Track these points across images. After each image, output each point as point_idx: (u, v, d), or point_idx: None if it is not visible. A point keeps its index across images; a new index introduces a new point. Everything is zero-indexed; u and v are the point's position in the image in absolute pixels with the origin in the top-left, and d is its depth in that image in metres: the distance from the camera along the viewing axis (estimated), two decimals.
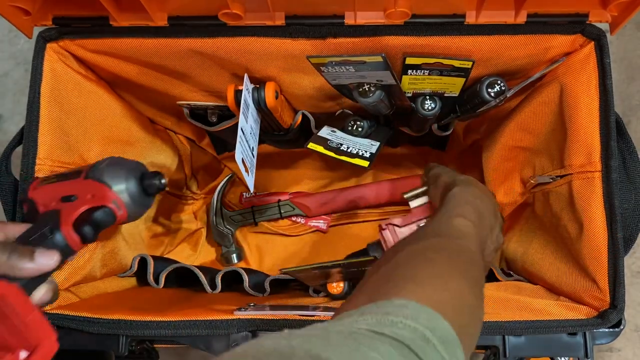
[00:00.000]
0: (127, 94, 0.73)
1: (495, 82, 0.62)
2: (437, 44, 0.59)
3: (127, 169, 0.52)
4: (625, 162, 0.60)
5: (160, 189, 0.53)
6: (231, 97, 0.65)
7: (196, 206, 0.95)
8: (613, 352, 0.96)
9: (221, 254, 0.92)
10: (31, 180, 0.58)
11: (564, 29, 0.59)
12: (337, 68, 0.57)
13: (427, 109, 0.66)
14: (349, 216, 0.94)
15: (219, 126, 0.72)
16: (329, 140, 0.68)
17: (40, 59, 0.60)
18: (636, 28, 1.09)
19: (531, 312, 0.58)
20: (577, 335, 0.58)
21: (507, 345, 0.58)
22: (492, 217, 0.57)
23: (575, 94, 0.60)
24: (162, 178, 0.53)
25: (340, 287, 0.71)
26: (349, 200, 0.92)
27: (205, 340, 0.59)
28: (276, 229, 0.93)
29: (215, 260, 0.93)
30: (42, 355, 0.41)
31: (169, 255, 0.89)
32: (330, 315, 0.57)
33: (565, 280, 0.62)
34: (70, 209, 0.49)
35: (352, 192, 0.93)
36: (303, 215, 0.93)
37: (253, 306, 0.62)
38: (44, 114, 0.60)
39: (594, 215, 0.57)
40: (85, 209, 0.49)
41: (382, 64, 0.54)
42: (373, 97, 0.60)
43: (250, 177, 0.66)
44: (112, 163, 0.52)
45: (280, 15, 0.59)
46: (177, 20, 0.60)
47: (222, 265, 0.92)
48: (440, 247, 0.44)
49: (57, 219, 0.49)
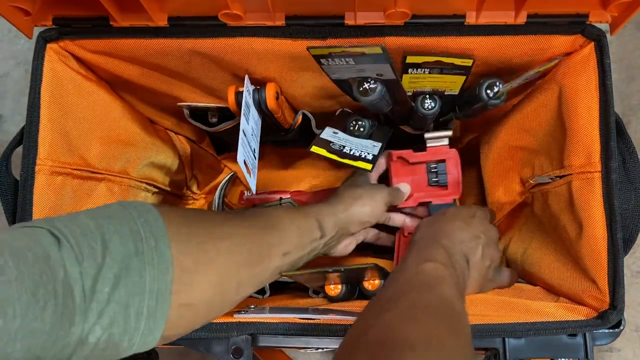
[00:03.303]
0: (127, 95, 0.73)
1: (494, 83, 0.62)
2: (437, 44, 0.59)
3: None
4: (625, 162, 0.60)
5: None
6: (232, 98, 0.65)
7: (196, 206, 0.95)
8: (613, 352, 0.96)
9: None
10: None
11: (564, 30, 0.59)
12: (337, 60, 0.57)
13: (427, 108, 0.66)
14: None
15: (219, 127, 0.72)
16: (332, 143, 0.68)
17: (40, 59, 0.60)
18: (636, 28, 1.09)
19: (531, 314, 0.58)
20: (577, 336, 0.58)
21: (507, 347, 0.58)
22: (469, 244, 0.60)
23: (575, 94, 0.60)
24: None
25: (338, 289, 0.71)
26: None
27: (205, 342, 0.59)
28: None
29: None
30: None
31: None
32: (328, 319, 0.58)
33: (564, 280, 0.62)
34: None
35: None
36: None
37: (253, 308, 0.62)
38: (44, 114, 0.60)
39: (594, 216, 0.57)
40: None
41: (382, 56, 0.54)
42: (374, 95, 0.60)
43: (252, 178, 0.66)
44: None
45: (281, 16, 0.59)
46: (177, 20, 0.60)
47: None
48: (424, 305, 0.45)
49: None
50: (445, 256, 0.54)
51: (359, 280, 0.72)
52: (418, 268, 0.51)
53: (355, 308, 0.63)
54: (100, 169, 0.68)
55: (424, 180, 0.74)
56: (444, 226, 0.62)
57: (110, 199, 0.70)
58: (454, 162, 0.72)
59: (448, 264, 0.53)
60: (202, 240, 0.45)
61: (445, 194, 0.73)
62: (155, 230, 0.41)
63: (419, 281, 0.50)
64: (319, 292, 0.77)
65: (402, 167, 0.74)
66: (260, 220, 0.54)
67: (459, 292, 0.50)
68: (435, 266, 0.51)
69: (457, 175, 0.72)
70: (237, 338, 0.58)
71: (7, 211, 0.62)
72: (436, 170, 0.73)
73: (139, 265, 0.39)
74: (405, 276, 0.51)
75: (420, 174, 0.74)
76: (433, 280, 0.50)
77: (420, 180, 0.74)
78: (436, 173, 0.73)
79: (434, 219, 0.66)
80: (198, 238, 0.45)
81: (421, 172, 0.74)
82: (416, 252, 0.56)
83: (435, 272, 0.51)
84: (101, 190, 0.68)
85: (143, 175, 0.76)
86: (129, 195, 0.74)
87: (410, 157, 0.73)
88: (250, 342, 0.58)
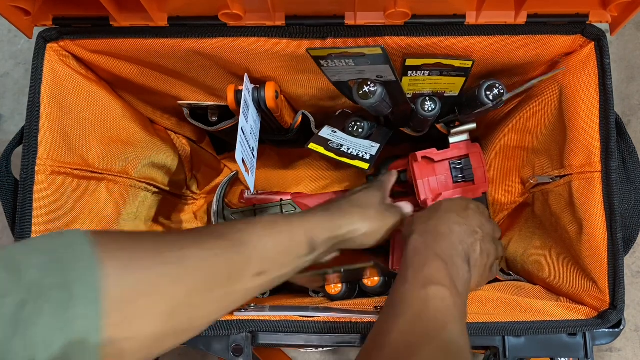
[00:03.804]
0: (127, 94, 0.73)
1: (494, 85, 0.62)
2: (437, 44, 0.59)
3: None
4: (625, 162, 0.60)
5: None
6: (231, 97, 0.65)
7: (196, 206, 0.95)
8: (613, 352, 0.96)
9: None
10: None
11: (564, 30, 0.59)
12: (336, 62, 0.57)
13: (427, 110, 0.66)
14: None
15: (219, 126, 0.72)
16: (330, 141, 0.68)
17: (40, 59, 0.60)
18: (636, 28, 1.09)
19: (531, 313, 0.58)
20: (577, 336, 0.58)
21: (507, 346, 0.58)
22: (468, 241, 0.57)
23: (575, 94, 0.60)
24: None
25: (339, 288, 0.71)
26: None
27: (206, 341, 0.59)
28: None
29: None
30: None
31: None
32: (328, 317, 0.58)
33: (565, 280, 0.62)
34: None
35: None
36: None
37: (253, 307, 0.62)
38: (44, 114, 0.60)
39: (594, 216, 0.57)
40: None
41: (382, 57, 0.54)
42: (374, 98, 0.60)
43: (251, 177, 0.66)
44: None
45: (280, 16, 0.59)
46: (177, 20, 0.60)
47: None
48: (433, 353, 0.44)
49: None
50: (445, 273, 0.51)
51: (358, 278, 0.72)
52: (423, 296, 0.49)
53: (355, 306, 0.63)
54: (100, 168, 0.68)
55: (449, 179, 0.73)
56: (440, 226, 0.58)
57: (110, 199, 0.70)
58: (478, 156, 0.72)
59: (450, 284, 0.50)
60: (145, 265, 0.40)
61: (474, 189, 0.72)
62: (81, 259, 0.37)
63: (428, 321, 0.47)
64: (319, 292, 0.77)
65: (425, 167, 0.73)
66: (227, 239, 0.48)
67: (462, 322, 0.49)
68: (440, 293, 0.49)
69: (483, 168, 0.72)
70: (237, 336, 0.58)
71: (7, 211, 0.62)
72: (461, 166, 0.73)
73: (57, 298, 0.34)
74: (413, 310, 0.48)
75: (443, 173, 0.73)
76: (441, 317, 0.47)
77: (445, 179, 0.73)
78: (461, 169, 0.72)
79: (427, 215, 0.60)
80: (141, 263, 0.40)
81: (444, 171, 0.73)
82: (415, 270, 0.52)
83: (441, 303, 0.48)
84: (101, 190, 0.68)
85: (143, 175, 0.77)
86: (129, 195, 0.74)
87: (435, 156, 0.72)
88: (251, 340, 0.58)
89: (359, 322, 0.58)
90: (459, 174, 0.73)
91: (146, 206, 0.79)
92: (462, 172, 0.73)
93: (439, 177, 0.73)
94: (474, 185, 0.72)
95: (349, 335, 0.58)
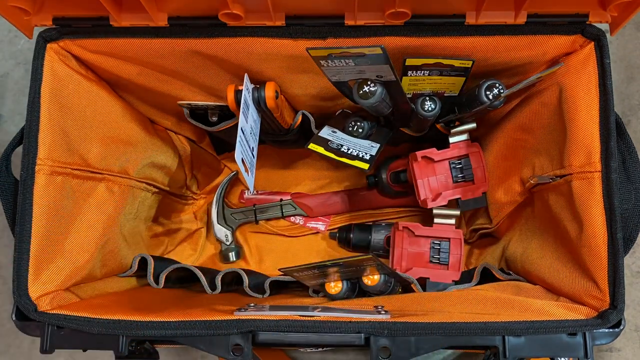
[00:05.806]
0: (127, 94, 0.73)
1: (494, 85, 0.62)
2: (437, 44, 0.59)
3: None
4: (625, 162, 0.60)
5: None
6: (231, 97, 0.65)
7: (196, 206, 0.96)
8: (613, 352, 0.96)
9: (220, 251, 0.92)
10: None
11: (564, 29, 0.59)
12: (336, 62, 0.57)
13: (427, 110, 0.66)
14: (351, 218, 0.94)
15: (219, 126, 0.72)
16: (330, 141, 0.68)
17: (40, 59, 0.60)
18: (636, 28, 1.09)
19: (531, 313, 0.58)
20: (577, 336, 0.58)
21: (507, 346, 0.58)
22: None
23: (575, 94, 0.60)
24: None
25: (339, 287, 0.71)
26: (351, 202, 0.92)
27: (206, 340, 0.59)
28: (275, 229, 0.94)
29: (215, 258, 0.94)
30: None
31: (169, 255, 0.89)
32: (328, 316, 0.57)
33: (565, 280, 0.62)
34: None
35: (354, 194, 0.93)
36: (304, 215, 0.93)
37: (253, 307, 0.62)
38: (44, 114, 0.60)
39: (594, 216, 0.57)
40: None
41: (382, 57, 0.54)
42: (374, 98, 0.60)
43: (250, 177, 0.66)
44: None
45: (281, 16, 0.59)
46: (177, 20, 0.60)
47: (221, 263, 0.92)
48: None
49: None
50: None
51: (358, 276, 0.72)
52: None
53: (355, 306, 0.63)
54: (100, 168, 0.68)
55: (449, 178, 0.73)
56: None
57: (109, 199, 0.70)
58: (478, 156, 0.72)
59: None
60: None
61: (474, 188, 0.72)
62: None
63: None
64: (319, 292, 0.77)
65: (425, 167, 0.73)
66: None
67: None
68: None
69: (482, 168, 0.72)
70: (237, 335, 0.58)
71: (7, 211, 0.62)
72: (461, 166, 0.73)
73: None
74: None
75: (443, 173, 0.74)
76: None
77: (444, 179, 0.74)
78: (461, 169, 0.73)
79: None
80: None
81: (444, 171, 0.74)
82: None
83: None
84: (101, 190, 0.68)
85: (143, 175, 0.77)
86: (129, 194, 0.74)
87: (435, 155, 0.72)
88: (251, 339, 0.58)
89: (359, 321, 0.58)
90: (458, 173, 0.73)
91: (146, 206, 0.79)
92: (462, 172, 0.73)
93: (439, 177, 0.73)
94: (474, 184, 0.72)
95: (349, 335, 0.57)
